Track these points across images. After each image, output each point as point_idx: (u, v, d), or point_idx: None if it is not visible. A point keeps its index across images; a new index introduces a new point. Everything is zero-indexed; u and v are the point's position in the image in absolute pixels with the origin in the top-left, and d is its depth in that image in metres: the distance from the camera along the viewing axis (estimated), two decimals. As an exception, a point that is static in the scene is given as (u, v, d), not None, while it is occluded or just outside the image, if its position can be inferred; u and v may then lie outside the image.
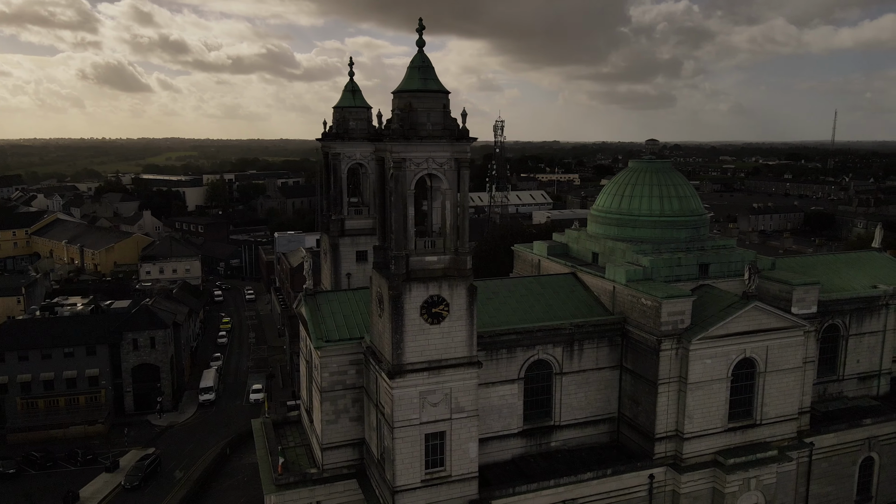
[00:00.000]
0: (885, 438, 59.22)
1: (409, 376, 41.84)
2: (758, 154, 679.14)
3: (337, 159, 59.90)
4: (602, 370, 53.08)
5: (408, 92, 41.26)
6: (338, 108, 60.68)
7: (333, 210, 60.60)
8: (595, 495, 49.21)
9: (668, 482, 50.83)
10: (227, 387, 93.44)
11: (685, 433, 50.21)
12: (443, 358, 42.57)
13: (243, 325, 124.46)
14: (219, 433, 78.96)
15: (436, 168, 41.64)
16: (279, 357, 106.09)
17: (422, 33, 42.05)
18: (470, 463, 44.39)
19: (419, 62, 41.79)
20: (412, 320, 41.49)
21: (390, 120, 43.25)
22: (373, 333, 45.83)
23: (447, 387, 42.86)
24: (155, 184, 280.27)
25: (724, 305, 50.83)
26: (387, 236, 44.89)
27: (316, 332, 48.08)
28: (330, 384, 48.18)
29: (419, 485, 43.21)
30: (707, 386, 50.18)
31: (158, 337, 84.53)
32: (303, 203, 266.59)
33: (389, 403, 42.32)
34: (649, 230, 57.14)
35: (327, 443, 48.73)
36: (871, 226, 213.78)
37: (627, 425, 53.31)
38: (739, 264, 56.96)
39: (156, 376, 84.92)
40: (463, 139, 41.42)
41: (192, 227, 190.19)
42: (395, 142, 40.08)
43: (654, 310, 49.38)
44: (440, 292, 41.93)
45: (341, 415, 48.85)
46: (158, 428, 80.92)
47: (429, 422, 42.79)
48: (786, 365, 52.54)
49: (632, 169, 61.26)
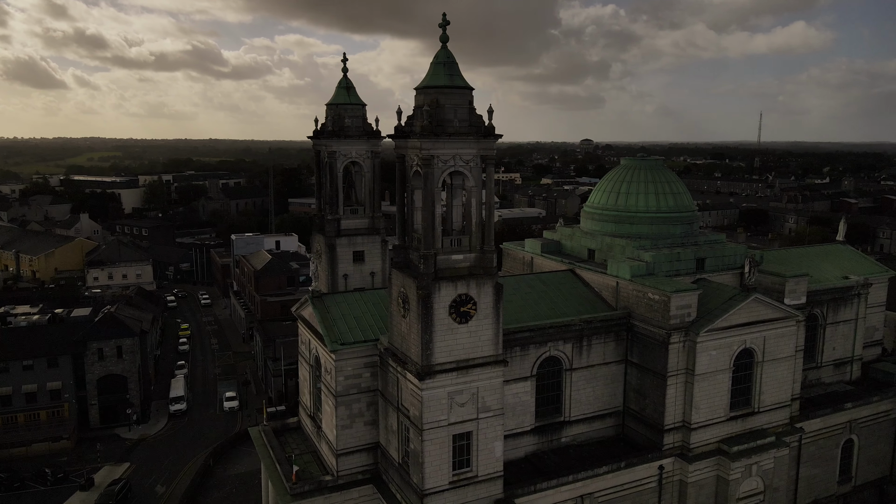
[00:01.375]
0: (864, 421, 62.55)
1: (439, 377, 41.22)
2: (685, 154, 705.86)
3: (333, 158, 58.34)
4: (608, 365, 53.83)
5: (434, 88, 40.61)
6: (332, 106, 59.11)
7: (329, 210, 59.02)
8: (609, 489, 49.85)
9: (675, 472, 52.03)
10: (196, 395, 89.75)
11: (692, 423, 51.53)
12: (470, 357, 42.14)
13: (203, 331, 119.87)
14: (196, 444, 75.70)
15: (462, 165, 41.18)
16: (247, 363, 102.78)
17: (445, 29, 41.50)
18: (496, 462, 44.14)
19: (444, 58, 41.22)
20: (441, 320, 40.87)
21: (412, 117, 42.47)
22: (392, 335, 44.91)
23: (474, 386, 42.46)
24: (87, 185, 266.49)
25: (726, 298, 52.42)
26: (407, 235, 44.12)
27: (330, 336, 46.77)
28: (345, 388, 46.99)
29: (447, 486, 42.64)
30: (712, 377, 51.66)
31: (126, 346, 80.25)
32: (247, 204, 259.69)
33: (417, 405, 41.56)
34: (647, 226, 58.32)
35: (342, 448, 47.51)
36: (800, 221, 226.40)
37: (633, 418, 54.24)
38: (732, 258, 58.93)
39: (123, 387, 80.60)
40: (489, 136, 41.12)
41: (134, 231, 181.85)
42: (424, 138, 39.38)
43: (663, 304, 50.41)
44: (468, 291, 41.49)
45: (356, 419, 47.71)
46: (129, 441, 76.83)
47: (456, 422, 42.27)
48: (781, 354, 54.70)
49: (625, 166, 62.40)
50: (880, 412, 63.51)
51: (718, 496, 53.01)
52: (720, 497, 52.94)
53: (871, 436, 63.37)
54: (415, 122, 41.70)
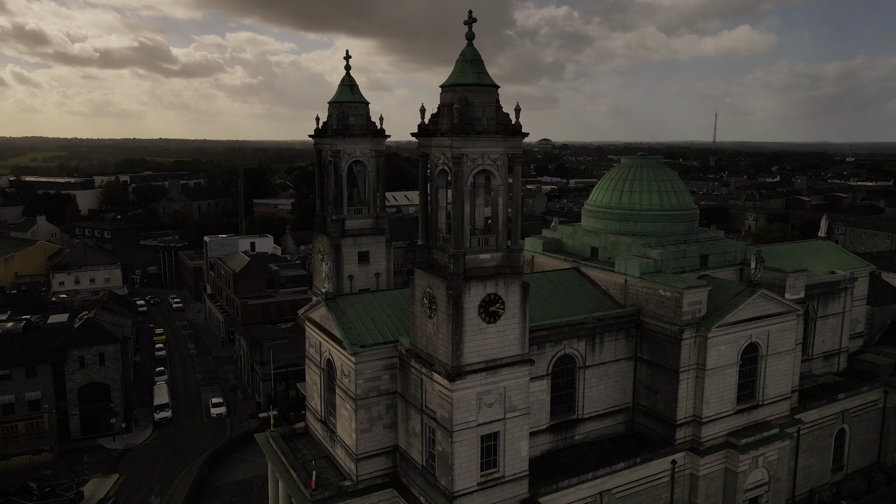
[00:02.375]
0: (855, 411, 64.74)
1: (469, 377, 40.87)
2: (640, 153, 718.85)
3: (337, 157, 57.24)
4: (619, 362, 54.31)
5: (462, 86, 40.22)
6: (336, 104, 58.01)
7: (334, 210, 57.93)
8: (625, 485, 50.30)
9: (686, 466, 52.83)
10: (180, 403, 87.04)
11: (703, 417, 52.41)
12: (498, 357, 41.93)
13: (178, 337, 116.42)
14: (186, 453, 73.40)
15: (489, 164, 40.92)
16: (230, 368, 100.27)
17: (471, 27, 41.16)
18: (521, 462, 44.03)
19: (471, 55, 40.87)
20: (470, 320, 40.53)
21: (436, 115, 42.02)
22: (415, 336, 44.31)
23: (501, 386, 42.26)
24: (39, 186, 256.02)
25: (733, 294, 53.47)
26: (430, 235, 43.65)
27: (349, 338, 45.91)
28: (365, 391, 46.21)
29: (475, 488, 42.34)
30: (721, 371, 52.63)
31: (108, 353, 77.20)
32: (209, 205, 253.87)
33: (446, 407, 41.11)
34: (651, 224, 59.08)
35: (362, 452, 46.71)
36: (759, 218, 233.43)
37: (643, 414, 54.84)
38: (732, 255, 60.26)
39: (106, 396, 77.55)
40: (517, 134, 40.96)
41: (96, 234, 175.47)
42: (455, 137, 38.96)
43: (675, 300, 51.11)
44: (496, 290, 41.25)
45: (375, 422, 46.98)
46: (115, 452, 73.94)
47: (485, 423, 42.02)
48: (783, 347, 56.09)
49: (626, 165, 63.09)
50: (869, 402, 65.82)
51: (727, 488, 54.06)
52: (728, 489, 54.00)
53: (860, 425, 65.62)
54: (440, 121, 41.28)
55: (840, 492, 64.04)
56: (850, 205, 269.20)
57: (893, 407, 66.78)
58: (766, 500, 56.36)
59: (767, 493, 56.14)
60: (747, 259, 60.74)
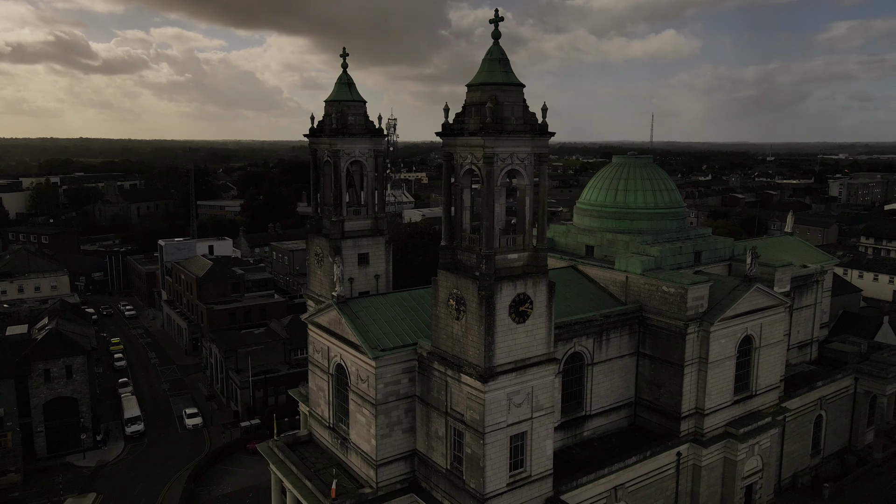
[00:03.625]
0: (831, 397, 68.03)
1: (500, 378, 40.66)
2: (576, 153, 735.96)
3: (337, 157, 55.81)
4: (623, 358, 55.25)
5: (492, 85, 39.93)
6: (333, 102, 56.55)
7: (334, 211, 56.50)
8: (636, 478, 51.20)
9: (690, 457, 54.23)
10: (149, 415, 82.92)
11: (705, 409, 53.96)
12: (527, 357, 41.89)
13: (136, 345, 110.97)
14: (166, 467, 69.98)
15: (518, 163, 40.79)
16: (197, 376, 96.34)
17: (497, 25, 40.93)
18: (546, 460, 44.14)
19: (498, 55, 40.63)
20: (502, 320, 40.33)
21: (462, 114, 41.57)
22: (439, 338, 43.68)
23: (529, 386, 42.24)
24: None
25: (730, 288, 55.22)
26: (454, 236, 43.19)
27: (369, 342, 44.87)
28: (385, 396, 45.30)
29: (505, 489, 42.16)
30: (721, 364, 54.31)
31: (76, 365, 72.72)
32: (149, 208, 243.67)
33: (478, 408, 40.74)
34: (646, 222, 60.34)
35: (382, 458, 45.75)
36: (700, 216, 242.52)
37: (646, 408, 55.96)
38: (722, 250, 62.30)
39: (74, 411, 73.09)
40: (544, 134, 41.00)
41: (32, 239, 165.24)
42: (488, 136, 38.63)
43: (679, 296, 52.39)
44: (525, 290, 41.20)
45: (394, 427, 46.13)
46: (87, 469, 69.69)
47: (514, 423, 41.91)
48: (773, 339, 58.39)
49: (617, 164, 64.18)
50: (842, 388, 69.31)
51: (726, 477, 55.82)
52: (727, 478, 55.77)
53: (835, 410, 69.02)
54: (467, 120, 40.87)
55: (818, 475, 67.11)
56: (779, 202, 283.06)
57: (863, 392, 70.56)
58: (760, 487, 58.56)
59: (761, 479, 58.34)
60: (734, 255, 62.98)
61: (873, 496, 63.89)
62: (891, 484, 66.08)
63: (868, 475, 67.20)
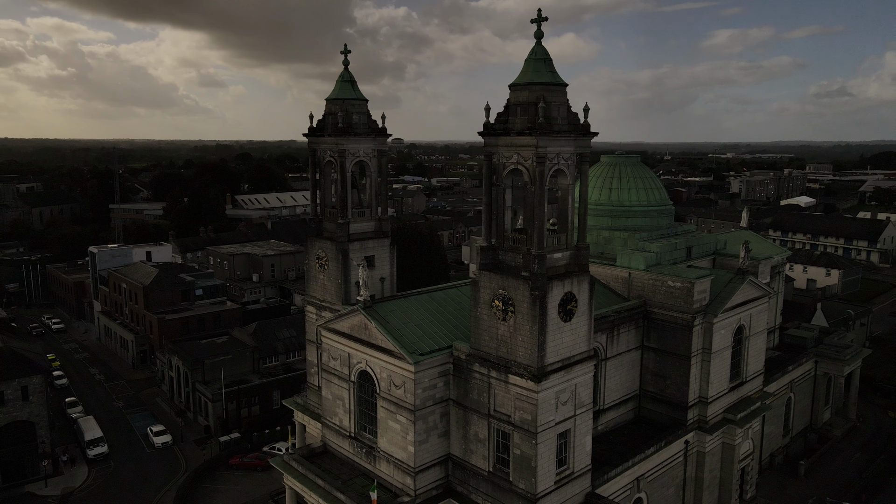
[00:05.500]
0: (798, 380, 72.86)
1: (551, 377, 40.77)
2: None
3: (343, 157, 53.94)
4: (630, 352, 56.73)
5: (540, 85, 39.91)
6: (337, 101, 54.58)
7: (340, 213, 54.57)
8: (654, 468, 52.83)
9: (695, 444, 56.51)
10: (108, 435, 76.56)
11: (708, 398, 56.38)
12: (572, 354, 42.25)
13: (73, 361, 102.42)
14: (142, 490, 65.08)
15: (562, 163, 41.02)
16: (152, 391, 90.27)
17: (540, 25, 40.95)
18: (586, 456, 44.72)
19: (543, 54, 40.65)
20: (552, 319, 40.45)
21: (504, 114, 41.32)
22: (480, 339, 43.15)
23: (573, 383, 42.62)
24: None
25: (725, 281, 57.92)
26: (497, 236, 42.88)
27: (406, 347, 43.74)
28: (423, 401, 44.32)
29: (553, 487, 42.34)
30: (721, 353, 56.94)
31: (32, 386, 66.17)
32: (53, 212, 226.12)
33: (529, 409, 40.64)
34: (640, 219, 62.24)
35: (419, 465, 44.75)
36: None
37: (652, 399, 57.70)
38: (707, 245, 65.17)
39: (31, 435, 66.60)
40: (587, 134, 41.44)
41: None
42: (542, 136, 38.61)
43: (686, 290, 54.38)
44: (571, 289, 41.52)
45: (431, 432, 45.24)
46: (53, 499, 63.66)
47: (561, 421, 42.17)
48: (760, 328, 61.85)
49: (608, 163, 65.77)
50: (806, 371, 74.39)
51: (724, 461, 58.52)
52: (726, 462, 58.50)
53: (801, 392, 73.97)
54: (511, 119, 40.69)
55: (788, 454, 71.70)
56: (688, 198, 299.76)
57: (822, 374, 76.00)
58: (751, 469, 61.87)
59: (752, 461, 61.64)
60: (717, 249, 66.09)
61: (842, 469, 68.95)
62: (853, 457, 71.59)
63: (831, 451, 72.44)
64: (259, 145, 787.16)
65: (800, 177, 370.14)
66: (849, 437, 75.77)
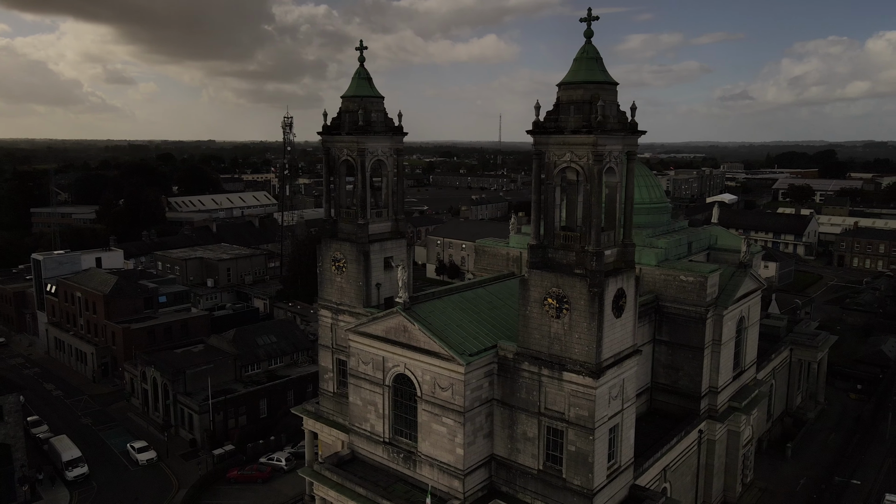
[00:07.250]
0: (778, 367, 76.72)
1: (607, 373, 41.19)
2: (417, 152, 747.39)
3: (363, 156, 52.44)
4: (643, 346, 58.00)
5: (594, 83, 40.21)
6: (354, 98, 52.96)
7: (360, 214, 53.06)
8: (676, 458, 54.38)
9: (706, 433, 58.53)
10: (83, 455, 71.48)
11: (718, 387, 58.52)
12: (622, 349, 42.87)
13: (23, 377, 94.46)
14: (134, 511, 61.19)
15: (613, 161, 41.50)
16: (121, 405, 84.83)
17: (590, 24, 41.28)
18: (630, 449, 45.45)
19: (594, 53, 40.98)
20: (607, 316, 40.87)
21: (553, 112, 41.38)
22: (530, 338, 43.00)
23: (621, 378, 43.23)
24: None
25: (729, 275, 60.28)
26: (547, 234, 42.92)
27: (455, 348, 43.11)
28: (471, 402, 43.81)
29: (605, 481, 42.80)
30: (728, 344, 59.26)
31: (8, 405, 60.63)
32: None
33: (585, 405, 40.89)
34: (644, 216, 63.60)
35: (468, 467, 44.22)
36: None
37: (663, 391, 59.27)
38: (703, 241, 67.58)
39: (7, 459, 61.09)
40: (635, 132, 42.10)
41: None
42: (602, 134, 38.93)
43: (699, 284, 56.18)
44: (622, 285, 42.10)
45: (477, 434, 44.81)
46: (36, 526, 58.89)
47: (612, 416, 42.70)
48: (755, 318, 64.77)
49: (608, 162, 66.92)
50: (783, 359, 78.43)
51: (730, 448, 60.90)
52: (731, 448, 60.91)
53: (780, 379, 77.93)
54: (563, 118, 40.81)
55: (771, 437, 75.39)
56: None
57: (797, 361, 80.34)
58: (750, 454, 64.64)
59: (751, 447, 64.42)
60: (710, 244, 68.63)
61: (822, 450, 73.11)
62: (829, 437, 76.08)
63: (810, 432, 76.70)
64: (175, 145, 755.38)
65: (719, 175, 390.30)
66: (821, 419, 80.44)
